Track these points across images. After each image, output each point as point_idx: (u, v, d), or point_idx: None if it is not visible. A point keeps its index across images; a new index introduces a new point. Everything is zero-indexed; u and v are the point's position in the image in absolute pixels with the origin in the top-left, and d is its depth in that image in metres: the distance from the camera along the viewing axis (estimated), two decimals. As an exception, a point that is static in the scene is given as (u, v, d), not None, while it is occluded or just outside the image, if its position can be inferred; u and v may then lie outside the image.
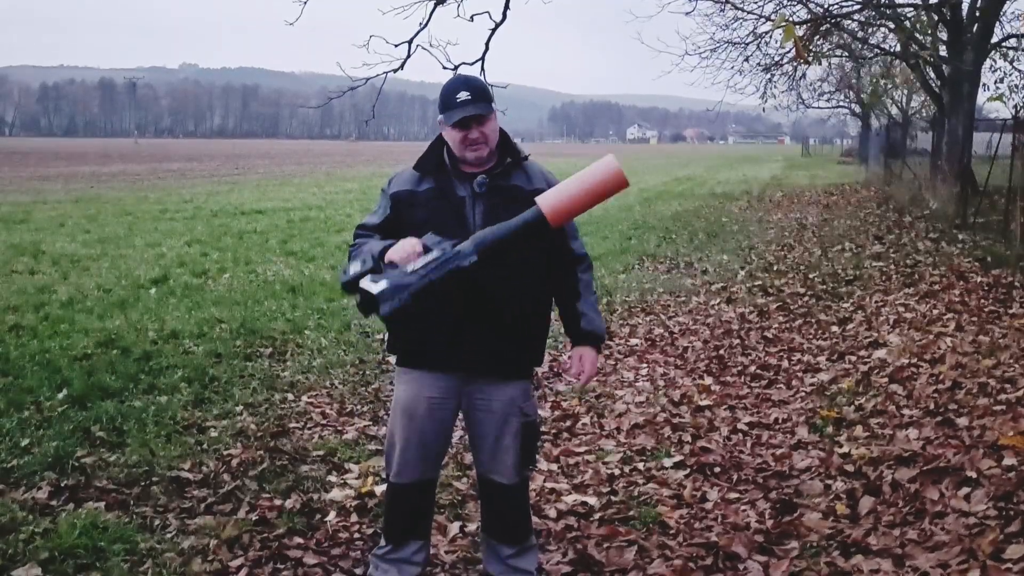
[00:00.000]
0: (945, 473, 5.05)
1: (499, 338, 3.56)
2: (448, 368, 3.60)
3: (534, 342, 3.72)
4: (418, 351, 3.61)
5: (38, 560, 4.02)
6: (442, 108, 3.50)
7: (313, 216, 20.36)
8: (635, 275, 12.62)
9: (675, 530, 4.60)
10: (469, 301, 3.42)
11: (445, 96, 3.50)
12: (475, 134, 3.48)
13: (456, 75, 3.72)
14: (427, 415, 3.65)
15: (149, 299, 10.14)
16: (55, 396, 6.41)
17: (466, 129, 3.48)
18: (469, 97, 3.47)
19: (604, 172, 3.25)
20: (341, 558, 4.26)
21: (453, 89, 3.51)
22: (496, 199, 3.54)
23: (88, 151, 72.24)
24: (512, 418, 3.66)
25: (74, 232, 16.49)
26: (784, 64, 23.36)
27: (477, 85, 3.56)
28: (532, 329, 3.69)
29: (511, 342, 3.60)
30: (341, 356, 7.83)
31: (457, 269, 3.17)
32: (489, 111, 3.51)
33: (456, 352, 3.54)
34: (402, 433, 3.69)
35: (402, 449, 3.70)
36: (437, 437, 3.72)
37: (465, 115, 3.44)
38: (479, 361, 3.57)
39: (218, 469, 5.22)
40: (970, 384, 6.69)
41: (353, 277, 3.26)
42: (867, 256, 14.08)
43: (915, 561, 4.14)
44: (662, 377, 7.56)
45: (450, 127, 3.48)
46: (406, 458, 3.71)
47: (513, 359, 3.65)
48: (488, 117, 3.51)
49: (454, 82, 3.58)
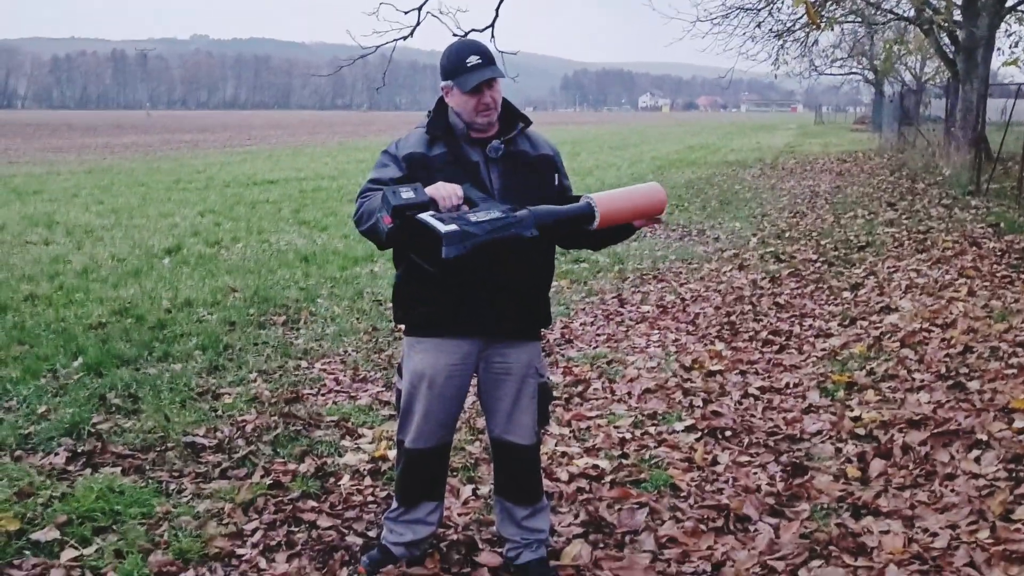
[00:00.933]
0: (956, 436, 5.07)
1: (514, 300, 3.56)
2: (466, 333, 3.61)
3: (543, 303, 3.73)
4: (434, 319, 3.59)
5: (56, 523, 4.07)
6: (450, 74, 3.47)
7: (325, 186, 20.37)
8: (647, 243, 12.61)
9: (686, 492, 4.63)
10: (485, 265, 3.42)
11: (453, 61, 3.46)
12: (487, 98, 3.46)
13: (458, 39, 3.68)
14: (446, 382, 3.64)
15: (163, 268, 10.19)
16: (71, 364, 6.47)
17: (479, 94, 3.46)
18: (480, 61, 3.44)
19: (652, 195, 3.50)
20: (355, 520, 4.30)
21: (460, 53, 3.48)
22: (509, 163, 3.53)
23: (100, 123, 72.33)
24: (529, 379, 3.69)
25: (88, 203, 16.54)
26: (796, 30, 23.22)
27: (484, 49, 3.53)
28: (542, 290, 3.70)
29: (525, 303, 3.61)
30: (354, 324, 7.87)
31: (518, 236, 3.15)
32: (500, 74, 3.49)
33: (473, 317, 3.54)
34: (423, 402, 3.66)
35: (422, 418, 3.68)
36: (455, 403, 3.73)
37: (483, 79, 3.42)
38: (496, 324, 3.58)
39: (232, 435, 5.26)
40: (982, 348, 6.69)
41: (406, 203, 3.06)
42: (880, 222, 14.03)
43: (925, 522, 4.17)
44: (673, 343, 7.57)
45: (460, 91, 3.46)
46: (425, 426, 3.70)
47: (528, 320, 3.67)
48: (497, 80, 3.50)
49: (459, 47, 3.55)
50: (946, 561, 3.80)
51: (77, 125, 64.67)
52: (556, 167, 3.67)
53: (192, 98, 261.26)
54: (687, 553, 4.00)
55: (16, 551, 3.88)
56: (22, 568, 3.76)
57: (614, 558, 3.95)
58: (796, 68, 32.23)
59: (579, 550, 3.97)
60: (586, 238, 3.60)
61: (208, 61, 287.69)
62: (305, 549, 4.01)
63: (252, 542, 4.04)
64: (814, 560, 3.88)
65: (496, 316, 3.55)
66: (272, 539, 4.07)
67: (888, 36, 34.02)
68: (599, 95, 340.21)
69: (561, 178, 3.69)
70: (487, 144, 3.52)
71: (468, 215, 3.11)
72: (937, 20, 20.25)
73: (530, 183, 3.53)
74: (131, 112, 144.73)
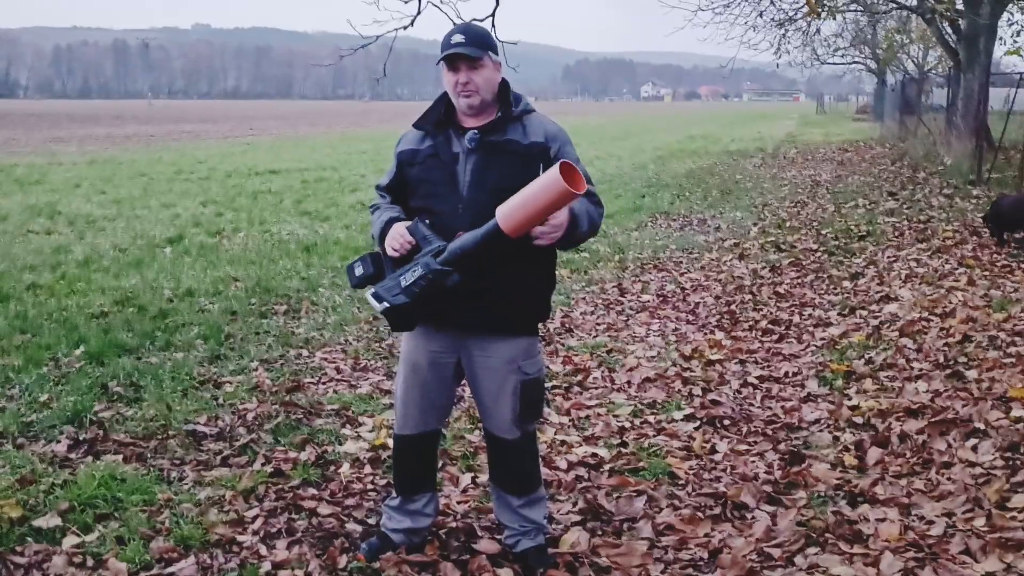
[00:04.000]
0: (953, 425, 5.09)
1: (495, 298, 3.53)
2: (446, 327, 3.63)
3: (535, 299, 3.67)
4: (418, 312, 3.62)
5: (58, 510, 4.10)
6: (440, 51, 3.52)
7: (327, 176, 20.37)
8: (648, 232, 12.63)
9: (684, 481, 4.65)
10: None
11: (444, 39, 3.52)
12: (464, 78, 3.47)
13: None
14: (429, 368, 3.69)
15: (164, 258, 10.21)
16: (72, 353, 6.49)
17: (456, 72, 3.48)
18: (463, 39, 3.47)
19: (549, 184, 3.17)
20: (355, 508, 4.33)
21: (450, 32, 3.54)
22: (487, 154, 3.51)
23: (102, 113, 72.23)
24: (511, 375, 3.63)
25: (89, 193, 16.56)
26: (798, 19, 23.16)
27: (476, 31, 3.57)
28: (532, 286, 3.63)
29: (508, 301, 3.56)
30: (355, 313, 7.89)
31: (440, 283, 3.37)
32: (480, 55, 3.47)
33: (453, 312, 3.54)
34: (404, 385, 3.76)
35: (404, 401, 3.77)
36: (439, 390, 3.75)
37: (452, 53, 3.44)
38: (475, 320, 3.57)
39: (234, 423, 5.29)
40: (980, 337, 6.72)
41: (360, 281, 3.62)
42: (880, 212, 14.04)
43: (921, 510, 4.20)
44: (673, 332, 7.60)
45: (445, 69, 3.50)
46: (409, 410, 3.77)
47: (510, 317, 3.61)
48: (480, 62, 3.47)
49: (454, 27, 3.61)
50: (942, 548, 3.82)
51: (79, 115, 64.60)
52: (547, 155, 3.53)
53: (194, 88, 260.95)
54: (684, 540, 4.03)
55: (18, 538, 3.90)
56: (24, 554, 3.79)
57: (612, 545, 3.97)
58: (798, 57, 32.20)
59: (577, 537, 4.00)
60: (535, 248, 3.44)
61: (210, 51, 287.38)
62: (305, 536, 4.03)
63: (253, 529, 4.06)
64: (810, 547, 3.90)
65: (473, 313, 3.54)
66: (273, 526, 4.10)
67: (890, 25, 33.97)
68: (600, 85, 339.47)
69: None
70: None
71: (400, 277, 3.43)
72: (939, 9, 20.17)
73: (507, 174, 3.45)
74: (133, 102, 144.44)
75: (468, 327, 3.60)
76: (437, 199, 3.52)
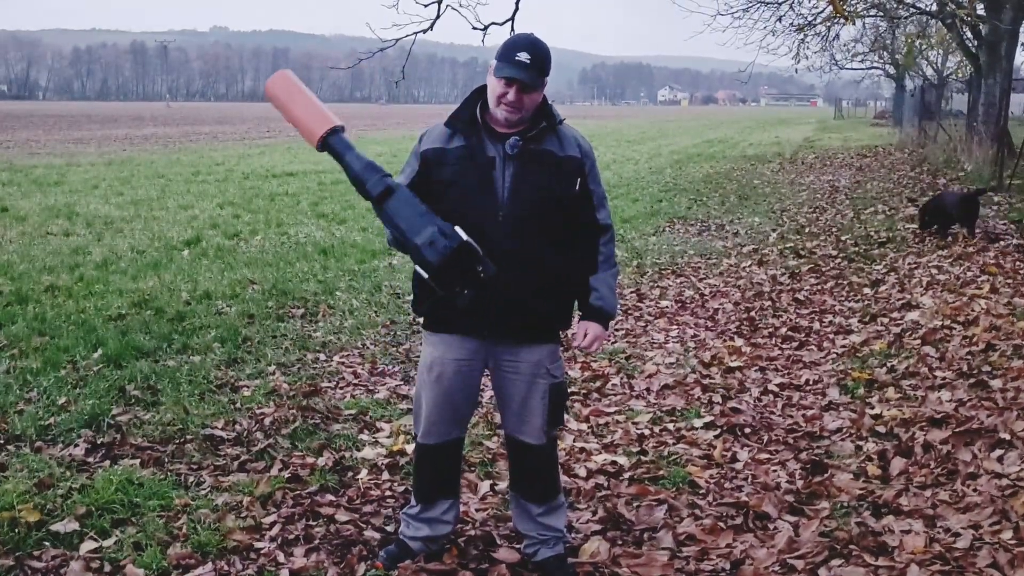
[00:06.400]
0: (978, 435, 5.03)
1: (524, 303, 3.53)
2: (474, 332, 3.60)
3: (561, 305, 3.68)
4: (444, 316, 3.59)
5: (76, 515, 4.09)
6: (500, 55, 3.45)
7: (344, 179, 20.26)
8: (665, 237, 12.57)
9: (705, 490, 4.61)
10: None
11: (507, 48, 3.45)
12: (514, 96, 3.43)
13: (527, 33, 3.64)
14: (454, 377, 3.66)
15: (182, 260, 10.21)
16: (90, 355, 6.49)
17: (508, 87, 3.43)
18: (529, 61, 3.41)
19: (309, 126, 3.65)
20: (373, 515, 4.30)
21: (517, 44, 3.47)
22: (528, 162, 3.50)
23: (121, 114, 72.59)
24: (539, 380, 3.64)
25: (108, 194, 16.59)
26: (817, 24, 23.03)
27: (541, 53, 3.47)
28: (558, 293, 3.65)
29: (536, 307, 3.56)
30: (372, 317, 7.87)
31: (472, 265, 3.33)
32: (539, 85, 3.46)
33: (482, 317, 3.51)
34: (429, 395, 3.71)
35: (429, 411, 3.72)
36: (464, 398, 3.73)
37: (514, 77, 3.40)
38: (504, 325, 3.56)
39: (251, 427, 5.27)
40: (1004, 346, 6.64)
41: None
42: (900, 218, 13.95)
43: (947, 522, 4.14)
44: (692, 339, 7.55)
45: (495, 75, 3.44)
46: (433, 419, 3.73)
47: (539, 323, 3.62)
48: (535, 89, 3.46)
49: (521, 39, 3.53)
50: (968, 562, 3.77)
51: (97, 117, 64.89)
52: (582, 170, 3.58)
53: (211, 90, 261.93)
54: (706, 551, 3.98)
55: (36, 542, 3.89)
56: (42, 559, 3.77)
57: (632, 555, 3.93)
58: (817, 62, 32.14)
59: (597, 547, 3.96)
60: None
61: (227, 53, 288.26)
62: (323, 543, 4.01)
63: (270, 535, 4.04)
64: (834, 559, 3.86)
65: (501, 320, 3.53)
66: (290, 533, 4.07)
67: (910, 30, 33.80)
68: (617, 89, 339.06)
69: (586, 182, 3.61)
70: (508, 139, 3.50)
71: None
72: (960, 14, 20.05)
73: (545, 184, 3.49)
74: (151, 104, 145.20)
75: (498, 334, 3.58)
76: (472, 204, 3.47)
